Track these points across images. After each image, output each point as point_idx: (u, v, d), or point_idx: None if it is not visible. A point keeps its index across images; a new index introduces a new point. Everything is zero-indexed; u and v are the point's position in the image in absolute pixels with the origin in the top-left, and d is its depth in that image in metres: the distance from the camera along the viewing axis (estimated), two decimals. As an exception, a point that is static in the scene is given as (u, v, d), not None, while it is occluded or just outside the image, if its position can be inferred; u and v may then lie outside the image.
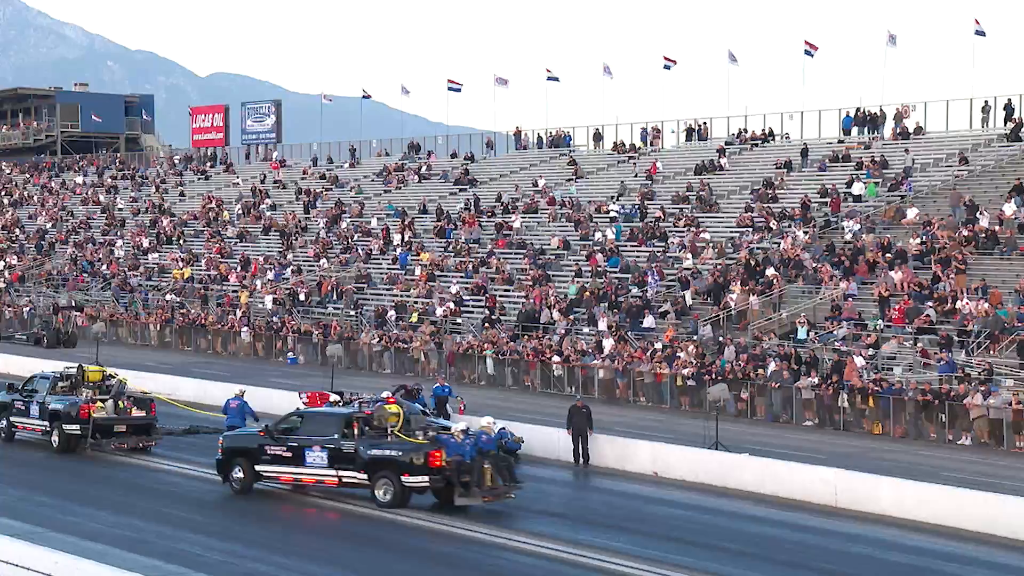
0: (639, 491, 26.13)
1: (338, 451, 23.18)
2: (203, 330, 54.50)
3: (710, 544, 21.18)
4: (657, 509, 24.27)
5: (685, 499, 25.31)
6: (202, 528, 21.42)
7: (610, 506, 24.42)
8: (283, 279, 57.78)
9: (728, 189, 53.71)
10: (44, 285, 65.89)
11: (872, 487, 24.58)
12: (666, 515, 23.69)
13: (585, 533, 21.60)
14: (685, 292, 44.12)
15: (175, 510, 23.02)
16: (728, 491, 26.08)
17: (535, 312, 45.93)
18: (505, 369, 43.17)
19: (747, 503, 24.95)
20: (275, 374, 44.62)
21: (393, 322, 49.85)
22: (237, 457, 24.24)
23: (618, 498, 25.33)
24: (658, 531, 22.05)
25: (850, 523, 23.19)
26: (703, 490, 26.20)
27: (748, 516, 23.79)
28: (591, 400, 39.54)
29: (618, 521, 22.83)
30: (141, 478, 26.36)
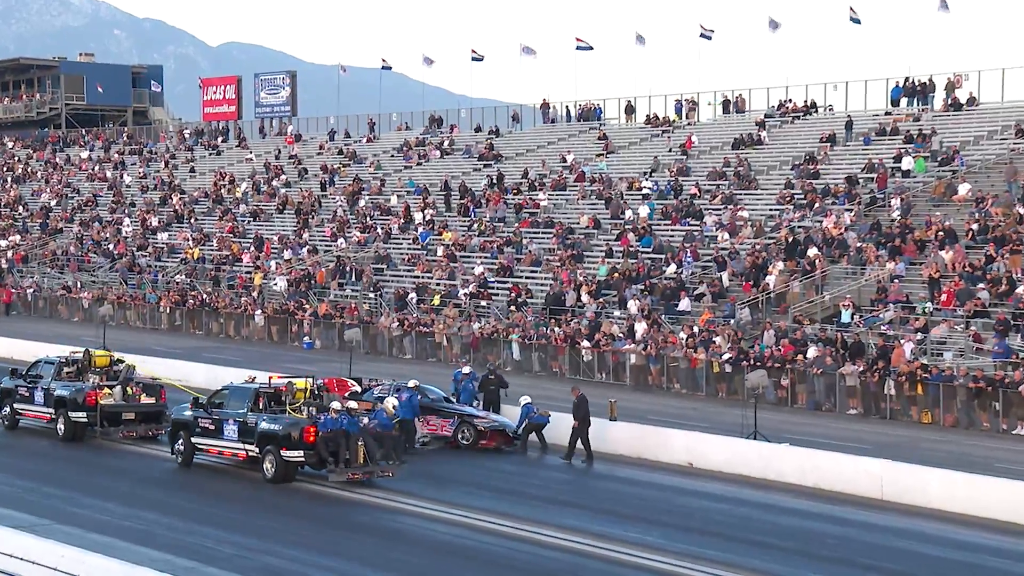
0: (672, 483, 26.12)
1: (244, 425, 25.03)
2: (215, 313, 54.76)
3: (747, 539, 21.16)
4: (691, 502, 24.26)
5: (721, 491, 25.28)
6: (214, 520, 21.57)
7: (641, 498, 24.43)
8: (299, 259, 57.97)
9: (768, 164, 53.48)
10: (48, 266, 66.34)
11: (920, 479, 24.50)
12: (701, 508, 23.69)
13: (614, 526, 21.63)
14: (722, 273, 44.01)
15: (186, 502, 23.18)
16: (767, 483, 26.03)
17: (563, 295, 45.93)
18: (532, 354, 43.21)
19: (787, 496, 24.89)
20: (290, 359, 44.79)
21: (414, 305, 49.93)
22: (180, 429, 26.31)
23: (650, 490, 25.33)
24: (692, 525, 22.06)
25: (897, 517, 23.13)
26: (740, 482, 26.16)
27: (788, 509, 23.73)
28: (622, 387, 39.63)
29: (650, 514, 22.84)
30: (151, 468, 26.55)
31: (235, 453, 25.51)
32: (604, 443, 29.30)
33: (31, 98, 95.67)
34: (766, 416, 31.00)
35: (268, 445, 24.47)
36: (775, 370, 36.28)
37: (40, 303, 62.07)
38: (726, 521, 22.55)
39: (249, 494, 24.03)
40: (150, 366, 36.84)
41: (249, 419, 24.99)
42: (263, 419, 24.82)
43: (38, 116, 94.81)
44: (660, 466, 27.80)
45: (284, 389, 25.47)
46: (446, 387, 31.52)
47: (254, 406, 25.26)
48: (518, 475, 26.98)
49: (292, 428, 24.27)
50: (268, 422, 24.71)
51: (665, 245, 47.82)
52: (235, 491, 24.39)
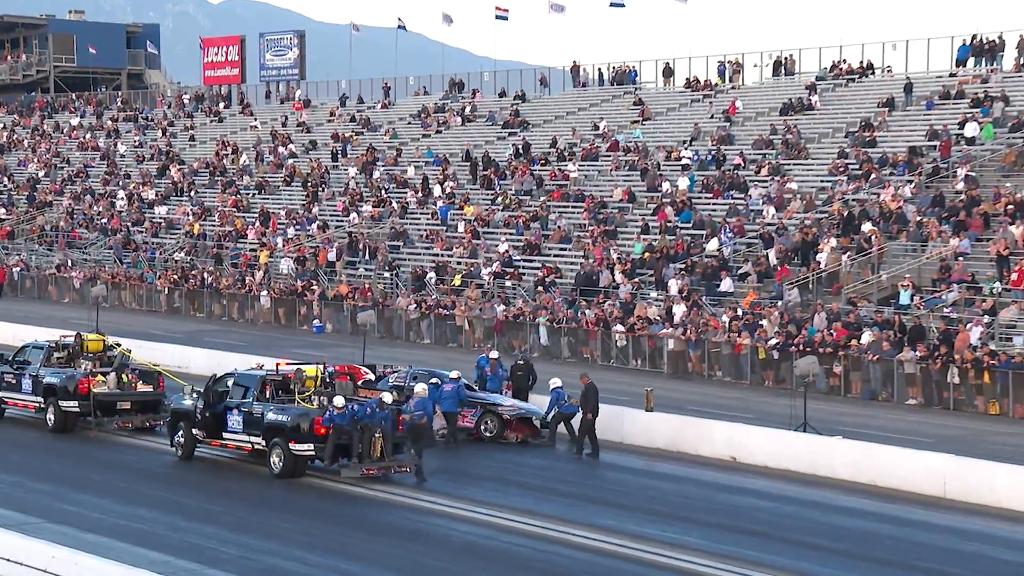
0: (714, 478, 26.12)
1: (250, 415, 25.14)
2: (217, 294, 54.96)
3: (795, 539, 21.14)
4: (735, 499, 24.25)
5: (767, 488, 25.25)
6: (217, 519, 21.67)
7: (680, 495, 24.44)
8: (307, 236, 58.09)
9: (819, 132, 53.23)
10: (36, 242, 66.69)
11: (987, 476, 24.41)
12: (745, 506, 23.68)
13: (650, 526, 21.64)
14: (768, 251, 43.88)
15: (186, 498, 23.29)
16: (817, 480, 25.99)
17: (595, 274, 45.88)
18: (561, 339, 43.23)
19: (839, 493, 24.85)
20: (298, 344, 44.90)
21: (433, 285, 49.99)
22: (180, 420, 26.36)
23: (689, 486, 25.34)
24: (736, 524, 22.04)
25: (960, 517, 23.06)
26: (788, 478, 26.12)
27: (840, 508, 23.70)
28: (658, 375, 39.59)
29: (690, 512, 22.85)
30: (148, 462, 26.69)
31: (240, 446, 25.62)
32: (640, 436, 29.33)
33: (16, 59, 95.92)
34: (816, 406, 30.94)
35: (275, 437, 24.56)
36: (826, 356, 36.18)
37: (27, 283, 62.43)
38: (772, 520, 22.52)
39: (255, 490, 24.12)
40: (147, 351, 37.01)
41: (255, 409, 25.06)
42: (270, 409, 24.89)
43: (24, 79, 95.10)
44: (700, 460, 27.80)
45: (292, 376, 25.54)
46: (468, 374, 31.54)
47: (260, 395, 25.34)
48: (546, 470, 27.01)
49: (301, 419, 24.34)
50: (275, 412, 24.80)
51: (706, 220, 47.71)
52: (240, 487, 24.49)
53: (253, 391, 25.48)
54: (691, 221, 48.19)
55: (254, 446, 25.29)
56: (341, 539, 20.60)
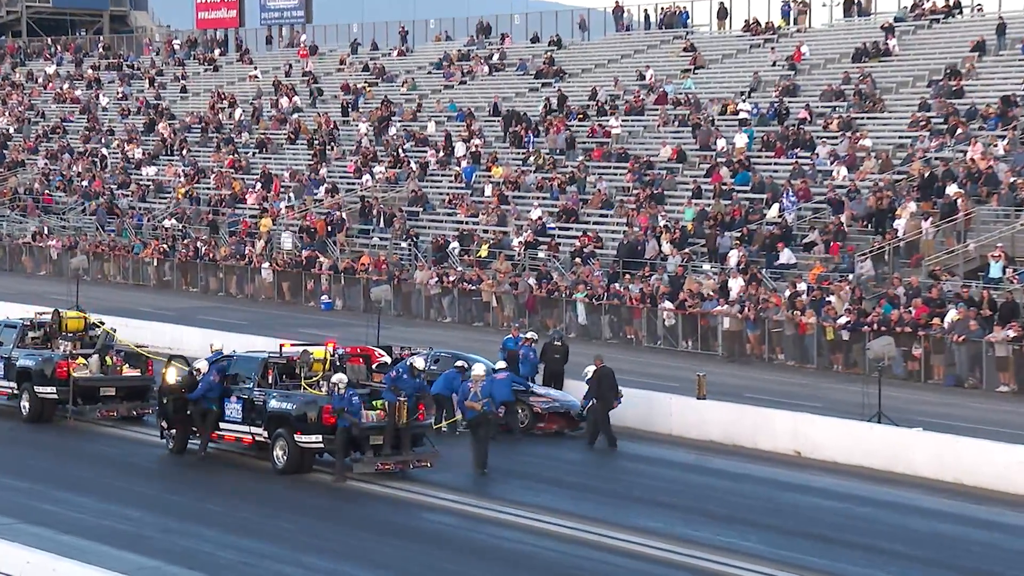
0: (775, 475, 26.08)
1: (251, 403, 25.24)
2: (212, 266, 55.13)
3: (869, 545, 21.09)
4: (799, 499, 24.22)
5: (836, 487, 25.20)
6: (213, 519, 21.77)
7: (737, 495, 24.42)
8: (315, 201, 58.17)
9: (897, 80, 52.93)
10: (8, 207, 66.98)
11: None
12: (811, 507, 23.64)
13: (702, 529, 21.64)
14: (838, 217, 43.74)
15: (179, 496, 23.40)
16: (894, 477, 25.91)
17: (640, 244, 45.82)
18: (601, 318, 43.20)
19: (919, 493, 24.77)
20: (304, 323, 45.02)
21: (456, 257, 49.99)
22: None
23: (748, 484, 25.31)
24: (801, 527, 22.02)
25: (1058, 520, 23.03)
26: (860, 475, 26.06)
27: (921, 510, 23.64)
28: (712, 358, 39.55)
29: (748, 514, 22.83)
30: (135, 456, 26.81)
31: (239, 437, 25.74)
32: (691, 427, 29.32)
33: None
34: (893, 394, 30.78)
35: (279, 428, 24.67)
36: (905, 337, 36.04)
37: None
38: (843, 523, 22.47)
39: (256, 488, 24.20)
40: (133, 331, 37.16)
41: (256, 396, 25.18)
42: (273, 396, 25.00)
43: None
44: (760, 455, 27.77)
45: (298, 359, 25.63)
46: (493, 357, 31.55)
47: (262, 380, 25.44)
48: (583, 465, 27.04)
49: (308, 407, 24.43)
50: (279, 400, 24.90)
51: (767, 182, 47.56)
52: (239, 484, 24.59)
53: (254, 376, 25.56)
54: (749, 184, 48.01)
55: (255, 438, 25.39)
56: (353, 542, 20.66)
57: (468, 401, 25.79)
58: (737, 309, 40.04)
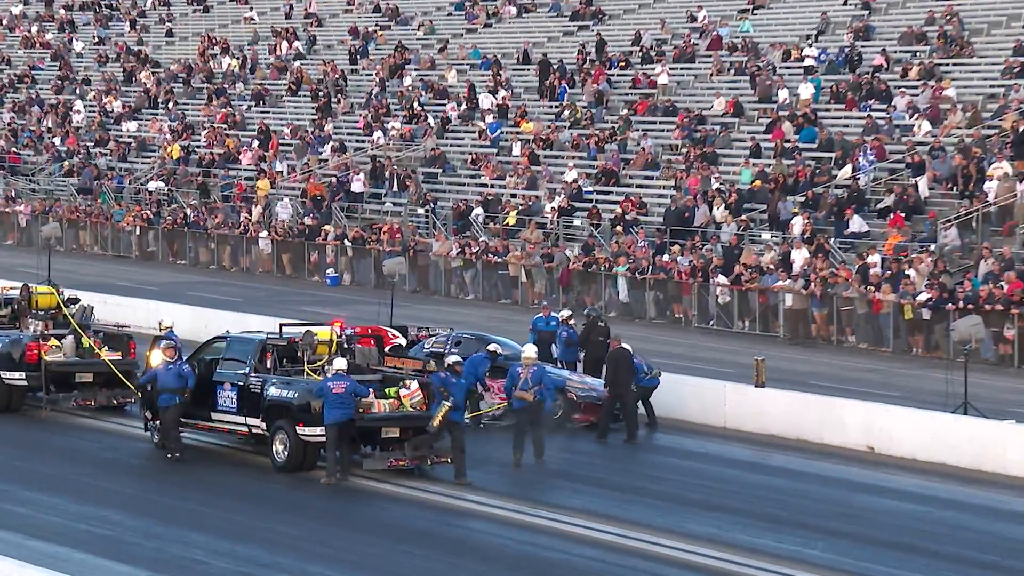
0: (846, 475, 26.05)
1: (246, 391, 25.29)
2: (203, 235, 55.19)
3: (953, 554, 21.03)
4: (873, 501, 24.15)
5: (915, 487, 25.16)
6: (204, 523, 21.76)
7: (802, 496, 24.38)
8: (320, 160, 58.14)
9: (989, 21, 52.52)
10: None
11: None
12: (886, 510, 23.56)
13: (765, 535, 21.61)
14: (918, 179, 43.56)
15: (166, 497, 23.42)
16: (982, 476, 25.85)
17: (690, 210, 45.70)
18: (645, 294, 43.12)
19: (1012, 495, 24.70)
20: (308, 300, 45.04)
21: (480, 225, 49.93)
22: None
23: (814, 484, 25.28)
24: (875, 534, 21.95)
25: None
26: (943, 474, 26.01)
27: (1013, 514, 23.56)
28: (773, 340, 39.45)
29: (814, 518, 22.79)
30: (117, 451, 26.84)
31: (233, 429, 25.78)
32: (748, 419, 29.28)
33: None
34: (981, 381, 30.72)
35: (279, 419, 24.70)
36: (995, 316, 35.92)
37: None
38: (923, 530, 22.41)
39: (253, 487, 24.22)
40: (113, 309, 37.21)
41: (252, 383, 25.23)
42: (272, 383, 25.04)
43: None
44: (828, 451, 27.74)
45: (300, 341, 25.64)
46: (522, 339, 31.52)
47: (259, 365, 25.48)
48: (626, 462, 27.01)
49: (312, 396, 24.46)
50: (279, 387, 24.93)
51: (836, 139, 47.36)
52: (233, 482, 24.61)
53: (250, 360, 25.60)
54: (816, 141, 47.82)
55: (251, 430, 25.42)
56: (364, 550, 20.65)
57: (518, 390, 25.75)
58: (801, 284, 39.91)
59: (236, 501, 23.39)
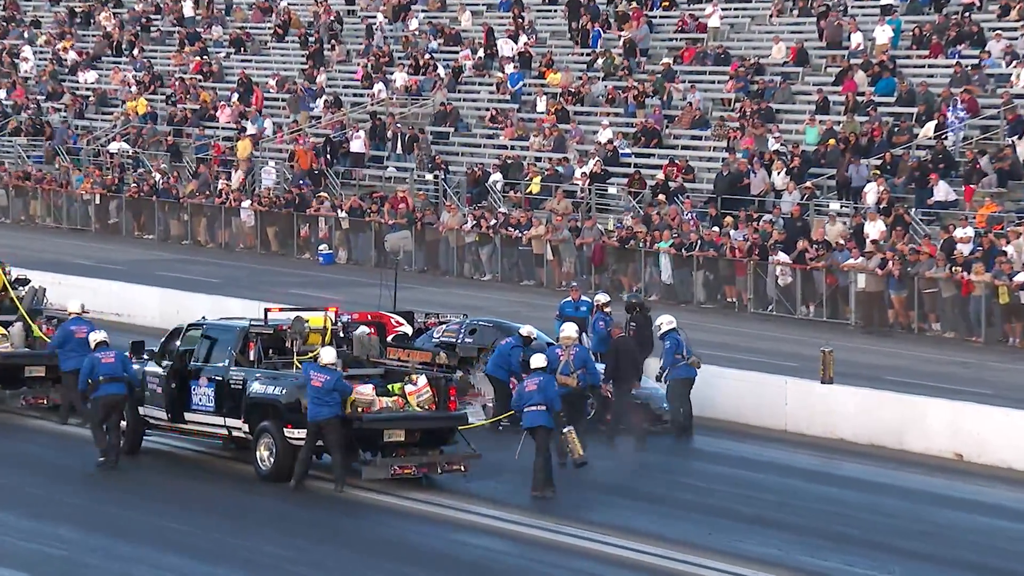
0: (929, 486, 26.06)
1: (226, 387, 25.33)
2: (175, 206, 55.22)
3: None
4: (961, 518, 24.15)
5: (1011, 501, 25.14)
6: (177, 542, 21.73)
7: (876, 511, 24.34)
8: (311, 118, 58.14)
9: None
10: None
11: None
12: (976, 528, 23.56)
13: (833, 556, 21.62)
14: (1016, 139, 43.43)
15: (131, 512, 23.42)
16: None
17: (744, 175, 45.63)
18: (692, 274, 43.05)
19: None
20: (297, 280, 45.07)
21: (499, 193, 49.90)
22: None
23: (891, 498, 25.25)
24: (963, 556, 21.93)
25: None
26: (1045, 487, 26.03)
27: None
28: (843, 328, 39.36)
29: (891, 537, 22.76)
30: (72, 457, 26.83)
31: (210, 432, 25.84)
32: (813, 420, 29.29)
33: None
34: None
35: (264, 420, 24.76)
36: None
37: None
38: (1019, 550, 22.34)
39: (233, 499, 24.27)
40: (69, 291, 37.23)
41: (232, 377, 25.30)
42: (255, 377, 25.11)
43: None
44: (907, 458, 27.72)
45: (288, 329, 25.67)
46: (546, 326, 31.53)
47: (241, 356, 25.54)
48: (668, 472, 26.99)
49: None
50: (263, 383, 24.99)
51: (918, 92, 47.26)
52: (210, 494, 24.62)
53: (230, 351, 25.66)
54: (895, 93, 47.73)
55: (231, 432, 25.46)
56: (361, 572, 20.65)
57: (560, 375, 25.88)
58: (876, 263, 39.84)
59: (213, 516, 23.40)
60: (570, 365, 26.08)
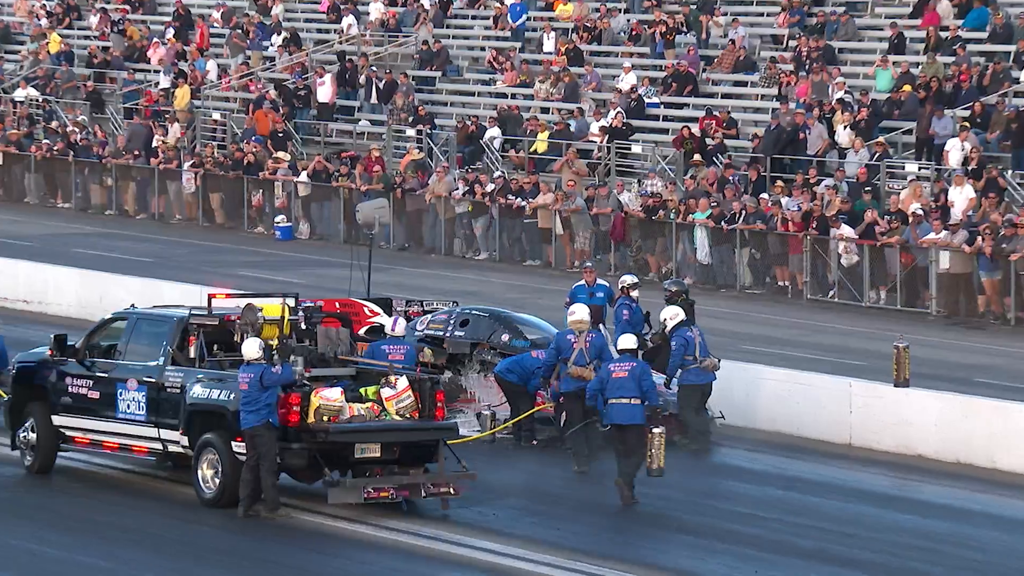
0: (1029, 514, 26.11)
1: (160, 391, 25.44)
2: (97, 167, 55.16)
3: None
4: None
5: None
6: None
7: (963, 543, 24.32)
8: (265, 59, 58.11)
9: None
10: None
11: None
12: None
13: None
14: None
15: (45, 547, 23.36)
16: None
17: (799, 129, 45.63)
18: (735, 252, 43.02)
19: None
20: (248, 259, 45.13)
21: (497, 152, 49.90)
22: (29, 400, 26.87)
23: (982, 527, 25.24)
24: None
25: None
26: None
27: None
28: (921, 318, 39.36)
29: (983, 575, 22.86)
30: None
31: (140, 447, 25.86)
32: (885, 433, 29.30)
33: None
34: None
35: (207, 431, 24.79)
36: None
37: None
38: None
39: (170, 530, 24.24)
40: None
41: (168, 379, 25.33)
42: (197, 379, 25.13)
43: None
44: (1001, 479, 27.73)
45: (238, 320, 25.67)
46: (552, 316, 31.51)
47: (178, 353, 25.56)
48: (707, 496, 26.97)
49: None
50: (207, 386, 25.00)
51: (1017, 26, 47.20)
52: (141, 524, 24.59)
53: (165, 347, 25.67)
54: (987, 27, 47.74)
55: (167, 447, 25.48)
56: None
57: (575, 366, 26.01)
58: (963, 238, 39.84)
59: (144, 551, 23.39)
60: (585, 354, 26.10)
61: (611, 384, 24.65)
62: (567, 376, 26.33)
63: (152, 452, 25.86)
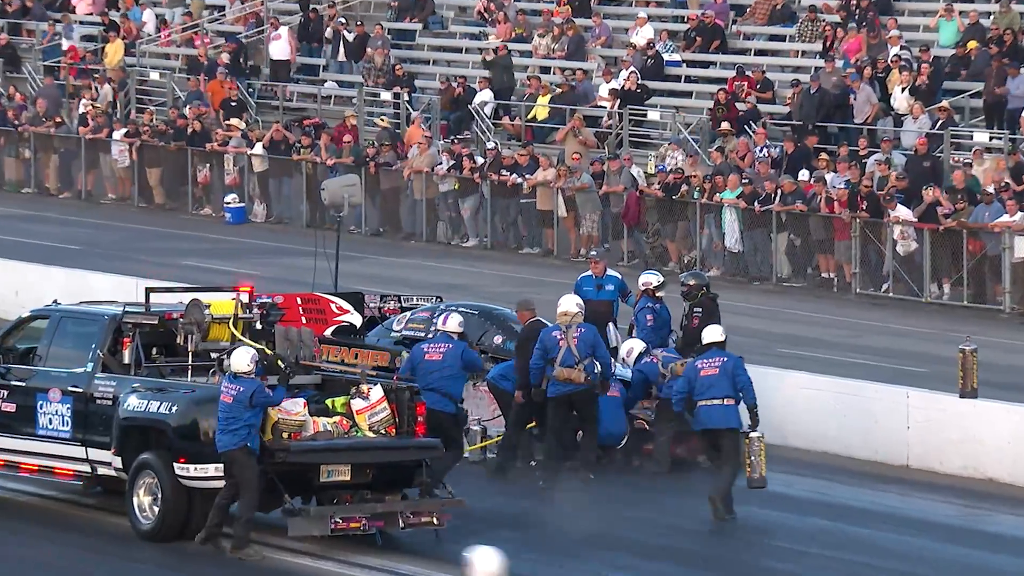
0: None
1: (87, 401, 25.55)
2: (12, 137, 55.20)
3: None
4: None
5: None
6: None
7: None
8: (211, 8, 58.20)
9: None
10: None
11: None
12: None
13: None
14: None
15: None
16: None
17: (847, 93, 45.67)
18: (771, 238, 43.05)
19: None
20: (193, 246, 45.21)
21: (488, 119, 49.93)
22: None
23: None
24: None
25: None
26: None
27: None
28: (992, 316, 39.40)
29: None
30: None
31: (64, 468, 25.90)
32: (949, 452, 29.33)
33: None
34: None
35: (144, 451, 24.81)
36: None
37: None
38: None
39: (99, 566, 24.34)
40: None
41: (98, 389, 25.34)
42: (132, 389, 25.12)
43: None
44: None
45: (181, 318, 25.69)
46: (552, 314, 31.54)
47: (110, 358, 25.59)
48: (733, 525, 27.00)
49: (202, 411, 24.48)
50: (144, 397, 24.98)
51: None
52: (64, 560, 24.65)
53: (95, 350, 25.71)
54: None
55: (95, 469, 25.51)
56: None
57: (561, 368, 26.26)
58: (1037, 221, 39.97)
59: None
60: (573, 352, 26.19)
61: (699, 383, 24.81)
62: (553, 379, 26.38)
63: (79, 475, 25.80)
